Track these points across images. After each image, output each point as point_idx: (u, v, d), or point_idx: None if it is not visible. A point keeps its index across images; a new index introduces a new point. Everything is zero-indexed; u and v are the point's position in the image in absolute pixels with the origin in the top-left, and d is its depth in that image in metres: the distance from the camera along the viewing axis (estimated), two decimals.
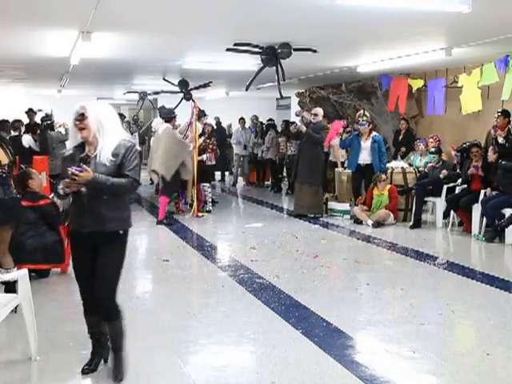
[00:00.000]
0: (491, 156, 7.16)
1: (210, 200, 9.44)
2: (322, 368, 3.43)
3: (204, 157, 9.18)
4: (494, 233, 6.92)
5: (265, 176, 13.60)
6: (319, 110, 9.16)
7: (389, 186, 8.31)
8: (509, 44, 7.00)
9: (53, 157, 8.62)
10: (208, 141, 9.44)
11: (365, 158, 8.51)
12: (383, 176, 8.31)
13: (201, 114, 9.67)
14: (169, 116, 8.67)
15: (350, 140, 8.67)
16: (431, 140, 8.81)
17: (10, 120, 10.13)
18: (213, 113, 12.69)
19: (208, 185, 9.35)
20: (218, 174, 13.93)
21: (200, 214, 8.92)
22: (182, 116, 11.73)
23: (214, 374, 3.37)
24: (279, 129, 13.17)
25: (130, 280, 5.48)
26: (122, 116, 10.72)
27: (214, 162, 9.72)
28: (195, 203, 8.98)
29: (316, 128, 8.70)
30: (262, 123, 13.66)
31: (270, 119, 13.57)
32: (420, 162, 8.92)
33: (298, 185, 8.93)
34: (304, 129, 8.74)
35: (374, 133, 8.67)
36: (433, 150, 8.28)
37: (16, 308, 3.62)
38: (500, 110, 7.52)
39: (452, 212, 7.81)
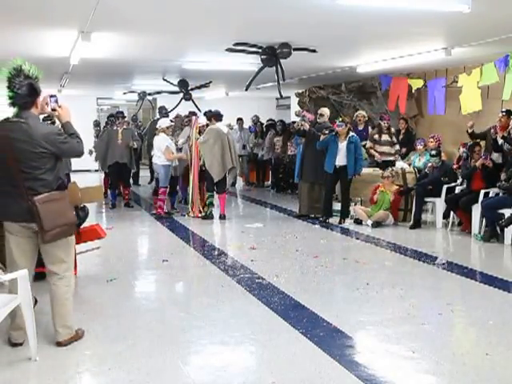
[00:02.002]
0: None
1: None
2: (322, 368, 3.43)
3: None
4: (491, 232, 6.92)
5: (265, 176, 13.60)
6: (325, 110, 9.12)
7: (395, 188, 8.29)
8: (509, 44, 7.00)
9: None
10: None
11: (341, 159, 8.21)
12: (386, 173, 8.30)
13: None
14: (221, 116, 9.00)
15: (327, 141, 8.33)
16: (431, 140, 8.79)
17: None
18: None
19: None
20: None
21: (200, 215, 8.93)
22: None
23: (214, 373, 3.37)
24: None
25: (129, 280, 5.49)
26: (121, 113, 10.69)
27: None
28: (198, 203, 8.99)
29: (321, 128, 8.67)
30: (261, 123, 13.66)
31: (271, 119, 13.53)
32: (419, 162, 8.92)
33: (303, 185, 8.92)
34: (307, 127, 8.72)
35: (351, 133, 8.34)
36: (433, 152, 8.20)
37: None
38: (504, 110, 7.51)
39: (452, 212, 7.81)
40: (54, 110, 3.72)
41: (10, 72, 3.51)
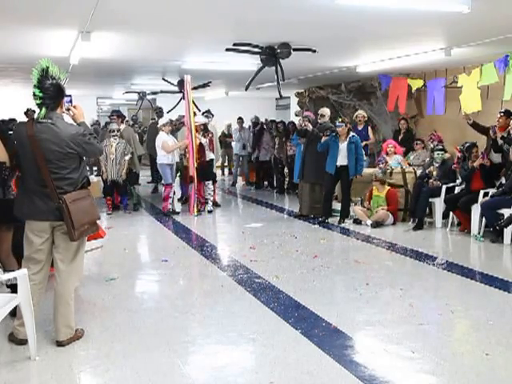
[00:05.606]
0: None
1: (211, 199, 9.48)
2: (321, 368, 3.43)
3: (203, 140, 9.21)
4: (497, 233, 6.90)
5: (264, 176, 13.57)
6: (326, 111, 9.11)
7: (387, 189, 8.29)
8: (509, 44, 7.00)
9: None
10: (206, 134, 9.47)
11: (342, 159, 8.19)
12: (378, 177, 8.31)
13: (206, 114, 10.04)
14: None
15: (327, 142, 8.29)
16: (430, 140, 8.84)
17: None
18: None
19: (211, 183, 9.41)
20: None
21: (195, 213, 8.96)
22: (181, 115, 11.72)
23: (213, 374, 3.38)
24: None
25: (128, 280, 5.49)
26: (117, 112, 10.81)
27: (213, 157, 9.74)
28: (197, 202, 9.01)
29: (322, 128, 8.65)
30: (262, 123, 13.60)
31: (256, 118, 13.19)
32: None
33: (303, 185, 8.90)
34: (310, 127, 8.71)
35: (351, 133, 8.32)
36: (439, 147, 8.19)
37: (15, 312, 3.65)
38: (502, 110, 7.49)
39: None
40: (68, 109, 3.76)
41: (39, 73, 3.55)
